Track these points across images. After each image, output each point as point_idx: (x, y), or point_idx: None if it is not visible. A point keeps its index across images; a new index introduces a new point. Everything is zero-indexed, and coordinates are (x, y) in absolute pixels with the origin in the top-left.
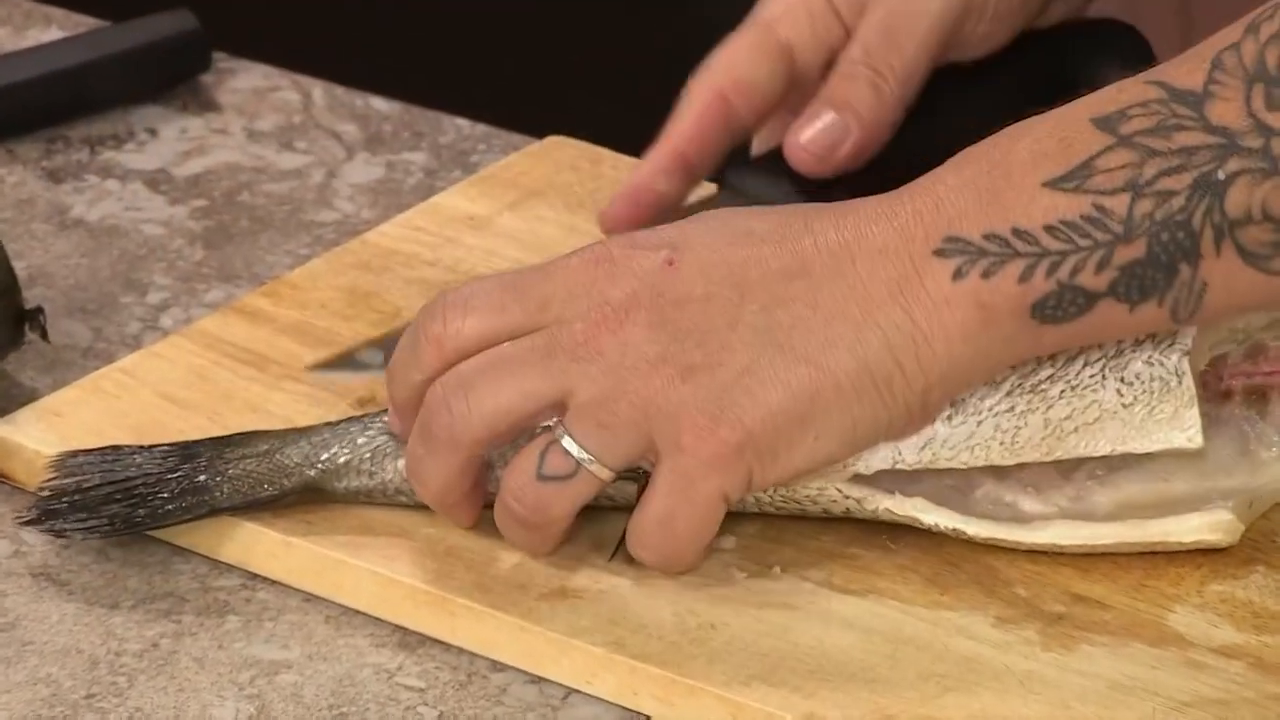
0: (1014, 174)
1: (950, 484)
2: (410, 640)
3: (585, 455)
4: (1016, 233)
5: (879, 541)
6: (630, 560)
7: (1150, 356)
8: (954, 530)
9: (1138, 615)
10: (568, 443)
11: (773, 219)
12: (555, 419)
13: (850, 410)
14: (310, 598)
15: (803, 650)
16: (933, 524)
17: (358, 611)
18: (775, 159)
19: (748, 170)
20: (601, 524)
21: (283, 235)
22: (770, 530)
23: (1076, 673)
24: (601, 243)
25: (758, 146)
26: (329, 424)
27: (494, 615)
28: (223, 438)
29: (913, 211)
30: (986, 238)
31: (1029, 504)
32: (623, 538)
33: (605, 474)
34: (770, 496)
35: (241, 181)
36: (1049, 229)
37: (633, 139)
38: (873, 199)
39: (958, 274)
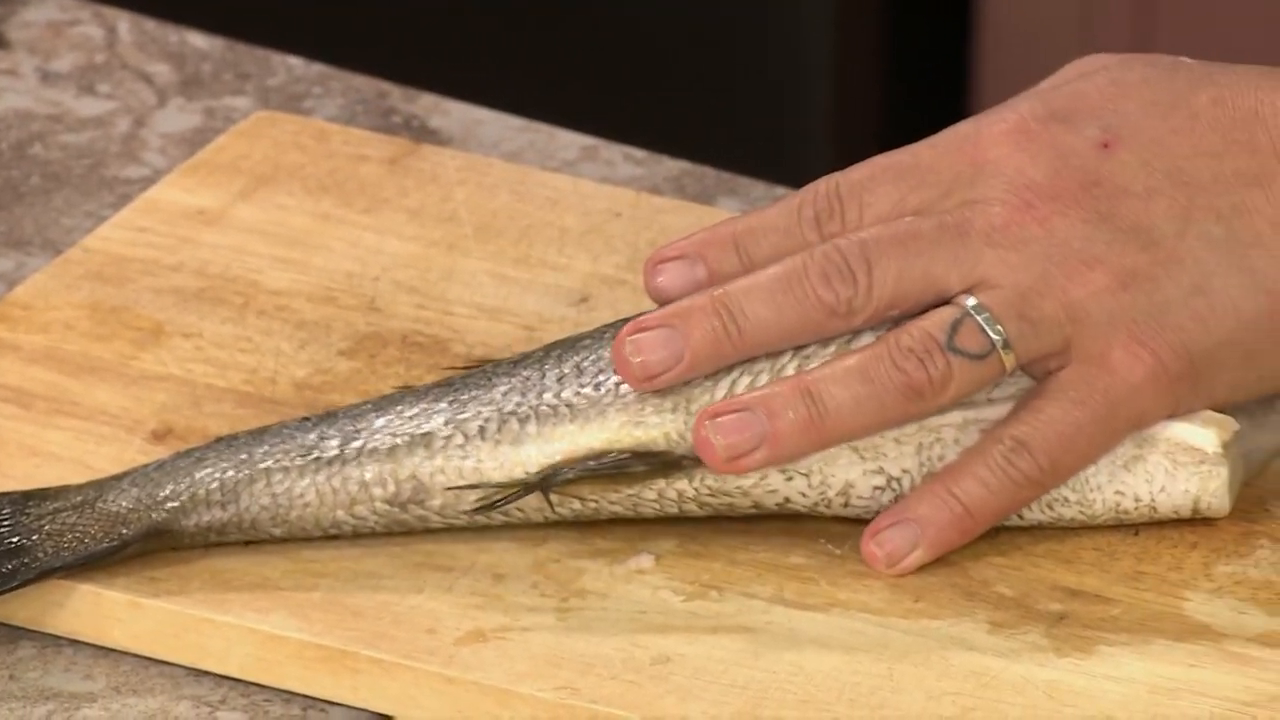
0: None
1: None
2: None
3: (1002, 340)
4: None
5: (819, 547)
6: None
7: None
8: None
9: (1148, 607)
10: (987, 322)
11: (1212, 89)
12: (963, 294)
13: None
14: None
15: (783, 678)
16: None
17: None
18: None
19: None
20: (499, 554)
21: (82, 194)
22: (691, 544)
23: (1106, 678)
24: (1012, 109)
25: None
26: (149, 464)
27: (409, 667)
28: (20, 492)
29: None
30: None
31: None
32: None
33: (1010, 364)
34: (695, 490)
35: (33, 131)
36: None
37: (488, 80)
38: None
39: None
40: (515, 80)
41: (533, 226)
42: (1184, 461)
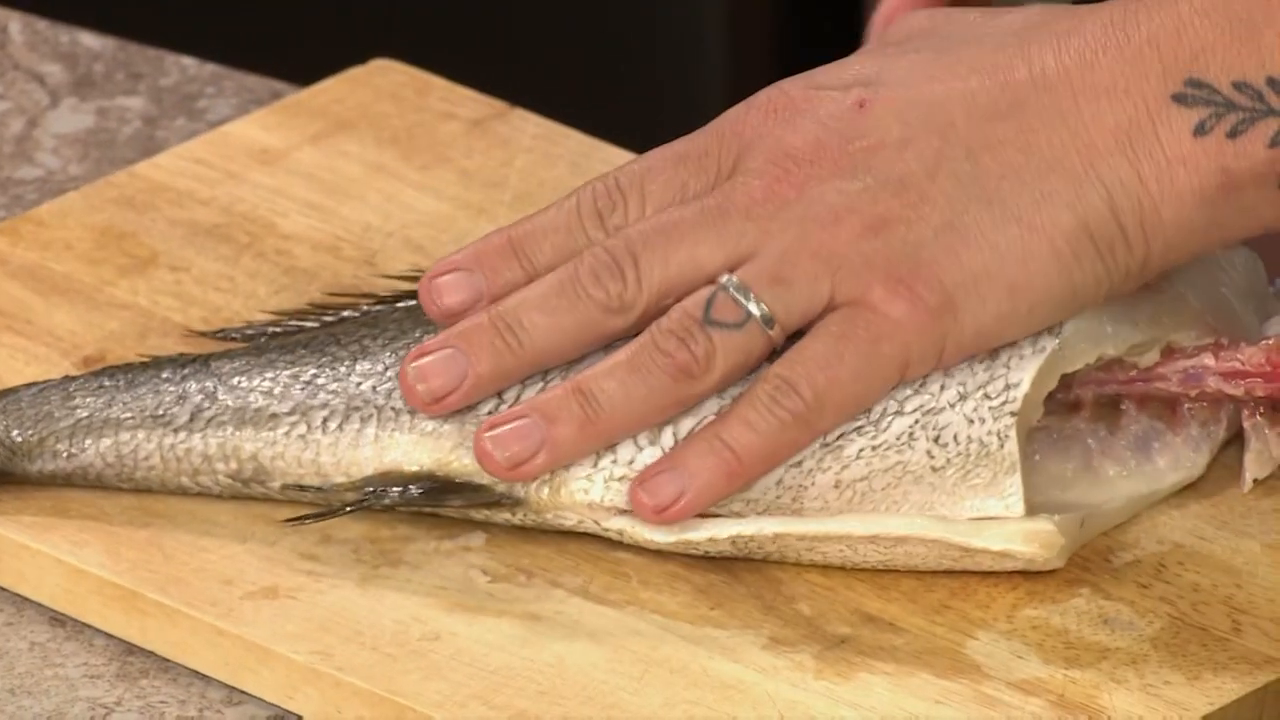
0: (1275, 3)
1: None
2: (130, 671)
3: (756, 308)
4: (1273, 83)
5: None
6: None
7: (974, 411)
8: (732, 538)
9: (933, 641)
10: (737, 292)
11: (987, 43)
12: (726, 272)
13: (1070, 276)
14: (11, 621)
15: (537, 668)
16: (707, 538)
17: (69, 638)
18: None
19: None
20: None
21: None
22: (532, 527)
23: (848, 705)
24: (777, 86)
25: None
26: (31, 386)
27: (188, 615)
28: None
29: (1147, 37)
30: (1236, 87)
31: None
32: None
33: (775, 331)
34: (521, 519)
35: None
36: None
37: None
38: (1104, 8)
39: (1200, 129)
40: None
41: None
42: (1013, 559)
